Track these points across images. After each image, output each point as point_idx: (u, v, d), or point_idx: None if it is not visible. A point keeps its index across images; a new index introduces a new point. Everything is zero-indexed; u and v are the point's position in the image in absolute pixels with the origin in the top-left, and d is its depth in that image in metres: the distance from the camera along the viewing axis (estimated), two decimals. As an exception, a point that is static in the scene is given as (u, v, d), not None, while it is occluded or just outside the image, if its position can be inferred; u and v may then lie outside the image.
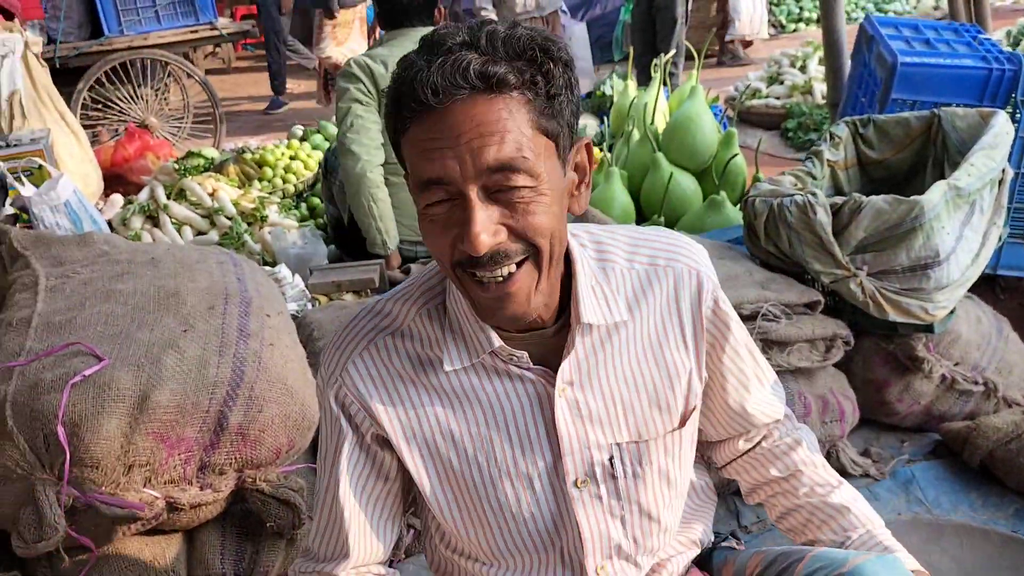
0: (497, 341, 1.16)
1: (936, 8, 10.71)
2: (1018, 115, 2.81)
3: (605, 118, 4.73)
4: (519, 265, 1.06)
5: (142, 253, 2.36)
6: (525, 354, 1.18)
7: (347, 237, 3.54)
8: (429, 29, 3.28)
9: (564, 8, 6.83)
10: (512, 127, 1.00)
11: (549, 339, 1.19)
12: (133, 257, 2.32)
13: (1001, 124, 2.45)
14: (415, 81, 0.99)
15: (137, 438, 1.74)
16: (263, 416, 1.87)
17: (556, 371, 1.18)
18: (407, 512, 1.43)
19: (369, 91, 3.16)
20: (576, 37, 6.72)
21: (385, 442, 1.24)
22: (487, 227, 1.02)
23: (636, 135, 3.85)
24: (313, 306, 2.93)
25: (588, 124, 5.26)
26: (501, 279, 1.06)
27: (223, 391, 1.85)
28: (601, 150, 4.00)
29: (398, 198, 3.22)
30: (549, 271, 1.10)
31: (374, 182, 3.12)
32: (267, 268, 2.95)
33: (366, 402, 1.21)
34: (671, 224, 3.55)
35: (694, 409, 1.28)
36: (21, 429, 1.72)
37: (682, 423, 1.26)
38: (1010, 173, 2.44)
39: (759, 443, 1.42)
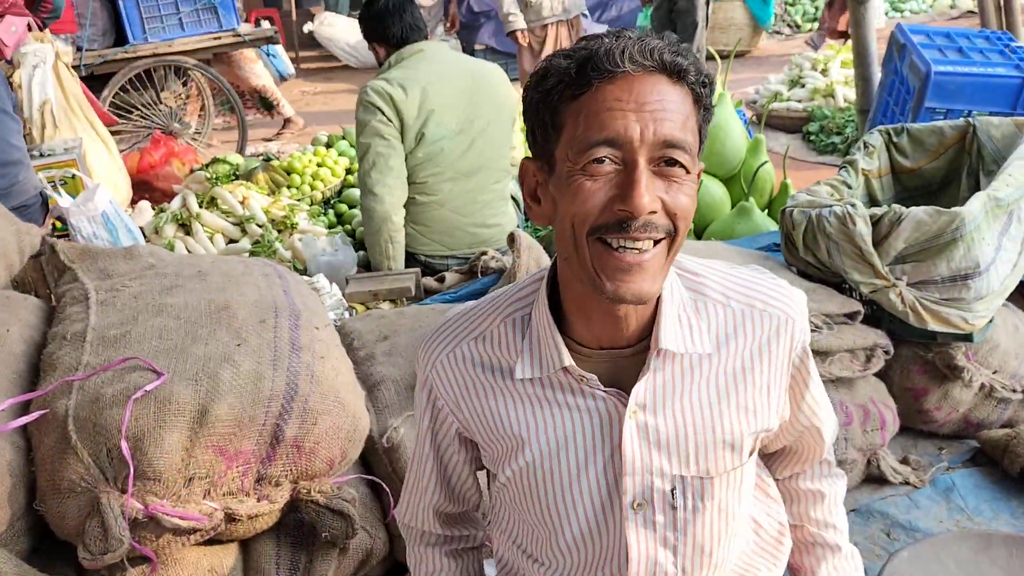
0: (568, 360, 1.19)
1: (952, 7, 10.70)
2: (1053, 123, 2.82)
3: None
4: (655, 244, 1.10)
5: (188, 266, 2.40)
6: (595, 376, 1.20)
7: None
8: (437, 45, 3.31)
9: (586, 12, 6.85)
10: (687, 113, 1.09)
11: (626, 359, 1.21)
12: (180, 270, 2.35)
13: (1038, 134, 2.46)
14: (611, 48, 1.06)
15: (197, 451, 1.78)
16: (317, 429, 1.90)
17: (629, 393, 1.20)
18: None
19: (390, 120, 3.08)
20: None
21: (465, 438, 1.37)
22: (651, 191, 1.07)
23: (664, 142, 3.87)
24: (350, 315, 2.97)
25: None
26: (638, 251, 1.08)
27: (278, 404, 1.89)
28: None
29: (429, 215, 3.24)
30: (671, 260, 1.14)
31: (397, 225, 3.13)
32: (305, 278, 2.98)
33: (449, 400, 1.31)
34: (700, 231, 3.58)
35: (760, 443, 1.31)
36: (85, 443, 1.76)
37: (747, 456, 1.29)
38: (1047, 182, 2.45)
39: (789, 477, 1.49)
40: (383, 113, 3.08)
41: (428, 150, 3.15)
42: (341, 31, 9.73)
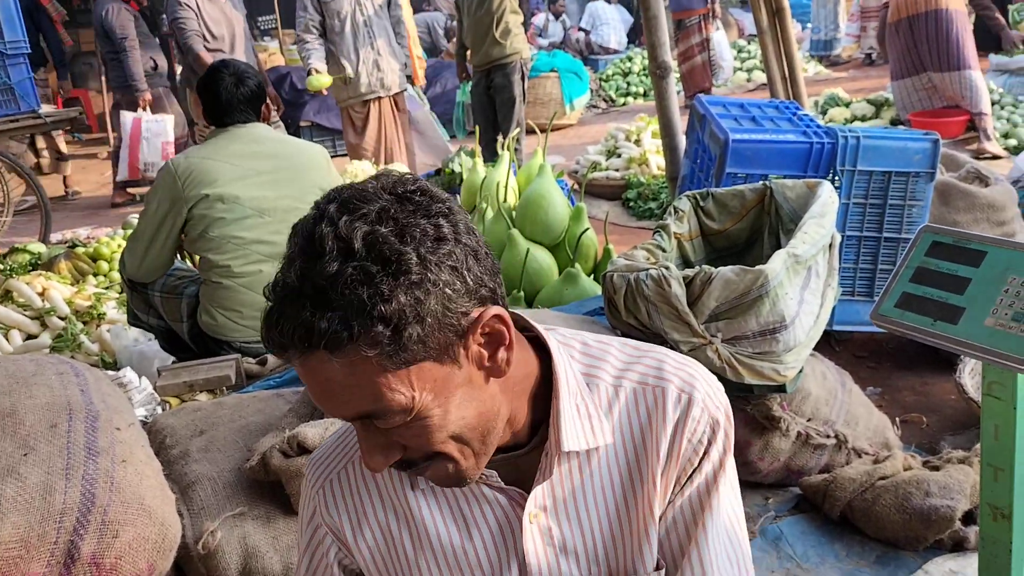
0: None
1: (749, 80, 11.62)
2: (839, 184, 3.06)
3: (456, 195, 4.79)
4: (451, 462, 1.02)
5: (-32, 369, 2.15)
6: (495, 473, 1.10)
7: (183, 346, 3.32)
8: (254, 126, 3.21)
9: (409, 88, 6.92)
10: (362, 382, 0.92)
11: (522, 458, 1.10)
12: (-42, 375, 2.11)
13: (827, 193, 2.65)
14: (264, 336, 0.94)
15: (-27, 582, 1.57)
16: (119, 542, 1.72)
17: (528, 492, 1.09)
18: None
19: (169, 197, 3.06)
20: (422, 120, 6.86)
21: (351, 570, 1.22)
22: (378, 448, 0.99)
23: (490, 213, 3.91)
24: (163, 410, 2.76)
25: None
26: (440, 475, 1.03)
27: (72, 519, 1.70)
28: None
29: (238, 300, 3.09)
30: (488, 446, 1.03)
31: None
32: (110, 372, 2.75)
33: (336, 529, 1.18)
34: (530, 298, 3.61)
35: None
36: None
37: None
38: (838, 237, 2.64)
39: None
40: (164, 191, 3.05)
41: (224, 231, 3.04)
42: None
